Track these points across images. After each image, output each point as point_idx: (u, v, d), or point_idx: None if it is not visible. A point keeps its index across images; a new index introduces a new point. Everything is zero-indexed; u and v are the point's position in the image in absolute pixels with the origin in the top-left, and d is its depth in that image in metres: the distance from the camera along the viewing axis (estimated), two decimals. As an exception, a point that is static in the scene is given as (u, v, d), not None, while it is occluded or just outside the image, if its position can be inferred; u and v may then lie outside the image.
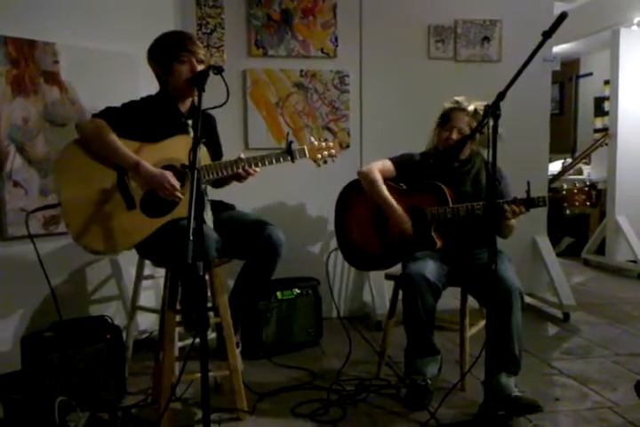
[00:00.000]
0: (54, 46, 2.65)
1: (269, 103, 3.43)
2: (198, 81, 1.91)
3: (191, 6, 3.29)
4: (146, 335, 3.06)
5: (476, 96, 2.42)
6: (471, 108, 2.38)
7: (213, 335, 2.58)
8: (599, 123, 6.55)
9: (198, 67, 2.17)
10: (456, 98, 2.44)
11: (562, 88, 7.44)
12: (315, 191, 3.34)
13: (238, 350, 2.28)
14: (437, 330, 2.38)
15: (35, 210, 2.47)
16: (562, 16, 1.73)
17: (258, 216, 2.31)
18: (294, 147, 2.25)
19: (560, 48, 5.98)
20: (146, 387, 2.48)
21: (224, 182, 2.37)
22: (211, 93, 1.89)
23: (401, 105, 3.49)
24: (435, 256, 2.38)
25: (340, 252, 2.66)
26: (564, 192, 2.19)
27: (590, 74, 6.91)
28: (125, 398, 2.37)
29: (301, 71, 3.44)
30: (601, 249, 5.21)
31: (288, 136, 2.30)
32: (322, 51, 3.45)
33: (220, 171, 2.16)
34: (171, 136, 2.16)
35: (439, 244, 2.37)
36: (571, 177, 5.82)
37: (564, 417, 2.21)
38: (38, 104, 2.61)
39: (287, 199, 3.48)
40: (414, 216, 2.39)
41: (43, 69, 2.62)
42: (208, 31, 3.31)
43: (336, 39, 3.45)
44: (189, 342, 2.34)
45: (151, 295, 3.09)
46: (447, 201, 2.34)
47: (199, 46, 2.21)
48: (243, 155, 2.20)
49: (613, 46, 4.89)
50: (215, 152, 2.35)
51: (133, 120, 2.14)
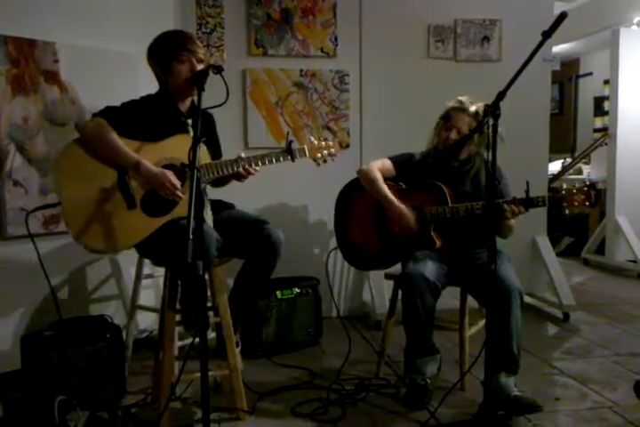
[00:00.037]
0: (54, 46, 2.65)
1: (269, 103, 3.43)
2: (198, 80, 1.91)
3: (191, 6, 3.29)
4: (146, 335, 3.05)
5: (476, 96, 2.41)
6: (473, 109, 2.36)
7: (213, 335, 2.59)
8: (599, 122, 6.54)
9: (198, 66, 2.17)
10: (459, 98, 2.42)
11: (562, 88, 7.44)
12: (314, 191, 3.33)
13: (238, 350, 2.28)
14: (437, 330, 2.39)
15: (35, 209, 2.47)
16: (562, 16, 1.73)
17: (257, 215, 2.31)
18: (294, 146, 2.25)
19: (560, 48, 5.99)
20: (146, 386, 2.48)
21: (224, 181, 2.36)
22: (210, 93, 1.89)
23: (401, 105, 3.49)
24: (434, 256, 2.38)
25: (340, 251, 2.66)
26: (564, 192, 2.19)
27: (590, 74, 6.91)
28: (125, 397, 2.37)
29: (301, 71, 3.44)
30: (601, 249, 5.21)
31: (288, 135, 2.30)
32: (322, 50, 3.45)
33: (221, 170, 2.16)
34: (171, 135, 2.15)
35: (438, 243, 2.37)
36: (570, 177, 5.82)
37: (564, 417, 2.21)
38: (38, 103, 2.61)
39: (287, 199, 3.48)
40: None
41: (43, 69, 2.62)
42: (208, 31, 3.31)
43: (336, 39, 3.45)
44: (189, 342, 2.34)
45: (151, 295, 3.09)
46: (446, 201, 2.34)
47: (199, 46, 2.21)
48: (243, 154, 2.20)
49: (613, 46, 4.89)
50: (214, 151, 2.35)
51: (133, 119, 2.14)
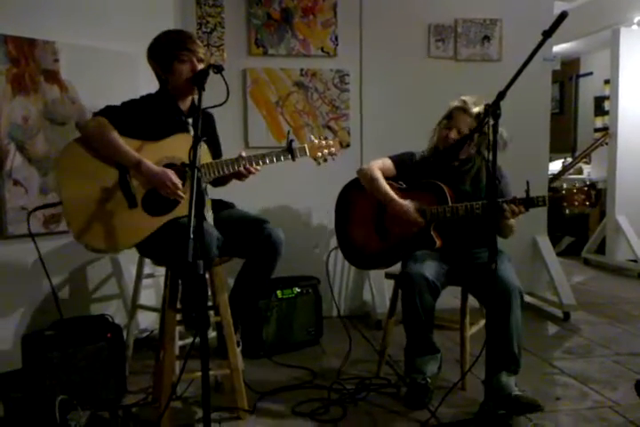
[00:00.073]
0: (54, 45, 2.65)
1: (269, 102, 3.42)
2: (198, 80, 1.91)
3: (191, 5, 3.29)
4: (146, 334, 3.05)
5: (477, 95, 2.41)
6: (475, 110, 2.35)
7: (214, 334, 2.59)
8: (599, 122, 6.54)
9: (199, 66, 2.17)
10: (463, 98, 2.40)
11: (562, 87, 7.44)
12: (315, 190, 3.33)
13: (239, 349, 2.28)
14: (437, 329, 2.39)
15: (36, 208, 2.47)
16: (562, 15, 1.73)
17: (257, 215, 2.32)
18: (295, 145, 2.25)
19: (560, 47, 5.99)
20: (146, 386, 2.48)
21: (224, 181, 2.36)
22: (211, 92, 1.89)
23: (401, 104, 3.49)
24: (434, 255, 2.38)
25: (340, 250, 2.66)
26: (564, 192, 2.18)
27: (590, 73, 6.91)
28: (126, 396, 2.37)
29: (301, 70, 3.44)
30: (601, 248, 5.21)
31: (289, 134, 2.29)
32: (322, 50, 3.45)
33: (222, 169, 2.16)
34: (171, 134, 2.15)
35: (438, 243, 2.37)
36: (571, 176, 5.82)
37: (565, 416, 2.21)
38: (38, 103, 2.61)
39: (287, 198, 3.48)
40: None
41: (43, 68, 2.62)
42: (208, 30, 3.31)
43: (336, 38, 3.45)
44: (190, 341, 2.34)
45: (151, 294, 3.09)
46: (446, 200, 2.34)
47: (199, 45, 2.21)
48: (244, 153, 2.19)
49: (613, 46, 4.89)
50: (215, 151, 2.35)
51: (134, 118, 2.14)
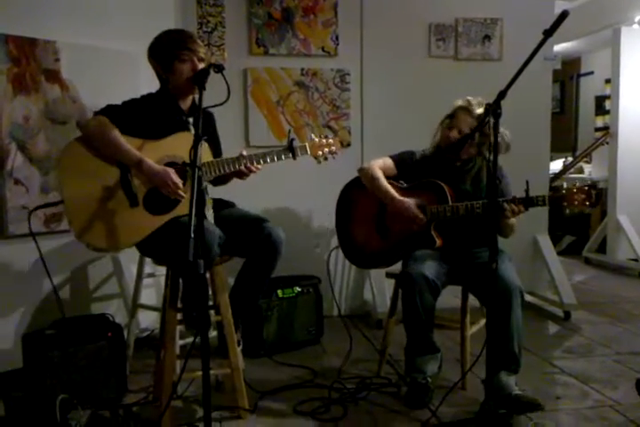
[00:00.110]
0: (55, 44, 2.65)
1: (270, 102, 3.42)
2: (199, 79, 1.91)
3: (192, 5, 3.29)
4: (147, 333, 3.05)
5: (477, 95, 2.40)
6: (478, 111, 2.34)
7: (214, 333, 2.59)
8: (600, 121, 6.54)
9: (199, 65, 2.17)
10: (468, 98, 2.39)
11: (563, 87, 7.44)
12: (316, 189, 3.32)
13: (239, 349, 2.28)
14: (438, 328, 2.39)
15: (37, 207, 2.47)
16: (563, 15, 1.73)
17: (258, 214, 2.31)
18: (296, 144, 2.25)
19: (561, 47, 5.99)
20: (147, 385, 2.48)
21: (225, 180, 2.36)
22: (211, 91, 1.89)
23: (402, 103, 3.49)
24: (435, 255, 2.38)
25: (341, 249, 2.66)
26: (564, 191, 2.17)
27: (591, 72, 6.91)
28: (126, 396, 2.37)
29: (302, 70, 3.44)
30: (602, 248, 5.21)
31: (290, 133, 2.29)
32: (323, 49, 3.45)
33: (223, 168, 2.16)
34: (172, 133, 2.15)
35: (439, 242, 2.37)
36: (572, 176, 5.81)
37: (565, 416, 2.21)
38: (39, 102, 2.62)
39: (288, 197, 3.47)
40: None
41: (44, 67, 2.62)
42: (209, 30, 3.31)
43: (337, 38, 3.45)
44: (190, 341, 2.34)
45: (152, 293, 3.09)
46: (447, 199, 2.34)
47: (200, 45, 2.21)
48: (245, 152, 2.19)
49: (614, 45, 4.88)
50: (215, 150, 2.35)
51: (135, 117, 2.14)
